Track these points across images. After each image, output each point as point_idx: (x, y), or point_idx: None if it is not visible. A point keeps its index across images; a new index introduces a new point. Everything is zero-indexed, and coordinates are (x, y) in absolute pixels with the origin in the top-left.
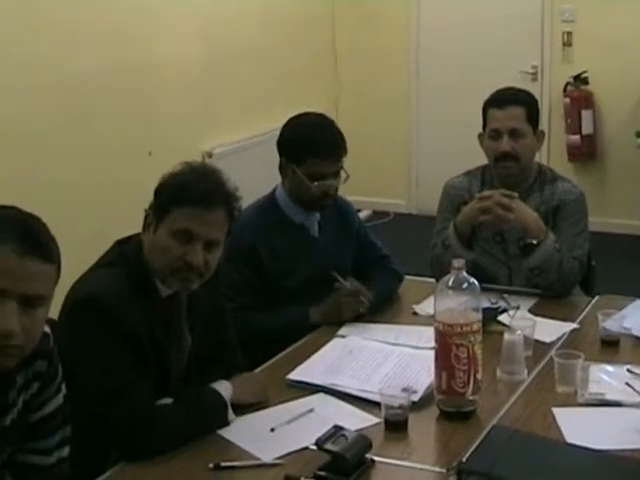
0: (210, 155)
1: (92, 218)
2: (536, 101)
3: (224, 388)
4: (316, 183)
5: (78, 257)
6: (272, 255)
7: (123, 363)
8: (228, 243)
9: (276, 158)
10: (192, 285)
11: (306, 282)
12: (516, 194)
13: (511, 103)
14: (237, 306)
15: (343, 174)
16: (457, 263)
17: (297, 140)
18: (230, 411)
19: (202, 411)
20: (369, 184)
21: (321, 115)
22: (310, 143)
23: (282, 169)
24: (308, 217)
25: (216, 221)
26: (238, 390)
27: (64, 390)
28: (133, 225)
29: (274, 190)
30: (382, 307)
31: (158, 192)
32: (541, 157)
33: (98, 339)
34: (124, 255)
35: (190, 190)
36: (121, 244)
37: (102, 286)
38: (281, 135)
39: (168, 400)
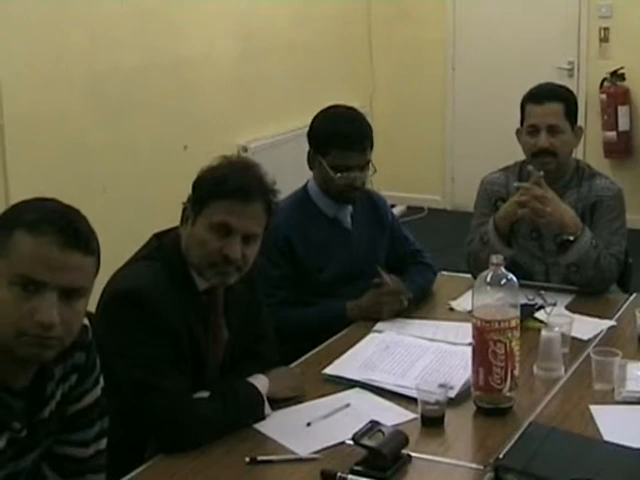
0: (245, 149)
1: (128, 212)
2: (575, 97)
3: (261, 382)
4: (339, 175)
5: (115, 251)
6: (306, 248)
7: (161, 356)
8: (264, 238)
9: (304, 153)
10: (230, 279)
11: (339, 275)
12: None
13: (550, 99)
14: (276, 301)
15: (371, 168)
16: (496, 259)
17: (322, 131)
18: (267, 405)
19: (238, 405)
20: (404, 179)
21: (350, 108)
22: (334, 134)
23: (310, 160)
24: (340, 210)
25: (254, 214)
26: (275, 384)
27: (102, 382)
28: (169, 219)
29: (306, 183)
30: (418, 302)
31: (196, 186)
32: (577, 154)
33: (137, 332)
34: (162, 248)
35: (229, 183)
36: (159, 237)
37: (141, 279)
38: (310, 127)
39: (205, 394)
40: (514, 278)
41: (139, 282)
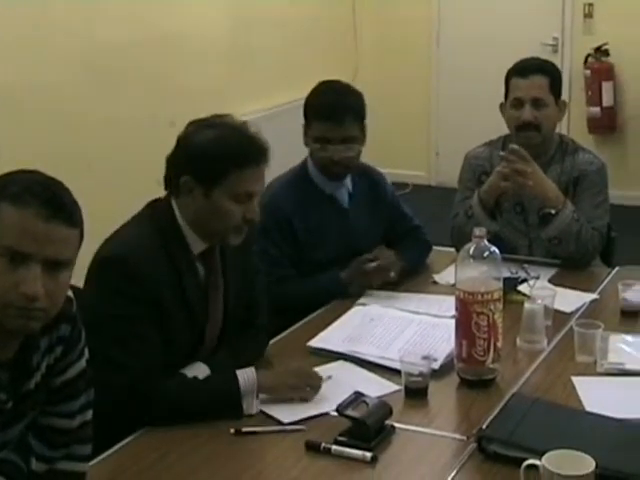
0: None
1: (113, 188)
2: (559, 71)
3: (247, 378)
4: (318, 146)
5: (100, 228)
6: (305, 228)
7: (135, 330)
8: (262, 216)
9: (296, 127)
10: (243, 237)
11: (337, 254)
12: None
13: (535, 72)
14: (275, 279)
15: (358, 146)
16: (478, 231)
17: (308, 103)
18: (255, 402)
19: (207, 398)
20: (388, 155)
21: (339, 82)
22: (315, 105)
23: (304, 135)
24: (338, 188)
25: (263, 176)
26: (275, 382)
27: (87, 354)
28: (156, 194)
29: (305, 160)
30: (410, 277)
31: (203, 157)
32: (561, 129)
33: (116, 301)
34: (155, 215)
35: (250, 153)
36: (152, 205)
37: (130, 245)
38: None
39: (201, 367)
40: (497, 251)
41: (124, 249)
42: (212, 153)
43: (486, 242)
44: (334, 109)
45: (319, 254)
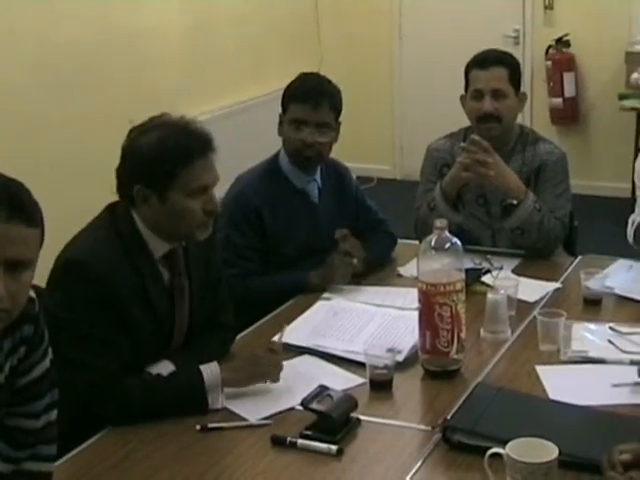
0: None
1: (76, 190)
2: (518, 63)
3: (211, 373)
4: (293, 127)
5: (62, 230)
6: (274, 220)
7: (96, 331)
8: (231, 207)
9: (260, 123)
10: (211, 228)
11: (304, 248)
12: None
13: (494, 64)
14: (238, 271)
15: (332, 134)
16: (439, 223)
17: (286, 90)
18: (220, 397)
19: (172, 394)
20: (352, 149)
21: (319, 74)
22: (294, 89)
23: (279, 125)
24: (309, 182)
25: (213, 165)
26: (236, 375)
27: (51, 354)
28: (116, 193)
29: (277, 153)
30: (376, 270)
31: (151, 163)
32: (524, 121)
33: (76, 304)
34: (114, 218)
35: (193, 148)
36: (111, 208)
37: (88, 249)
38: None
39: (166, 364)
40: (458, 242)
41: (85, 253)
42: (156, 157)
43: (447, 233)
44: (313, 92)
45: (287, 248)
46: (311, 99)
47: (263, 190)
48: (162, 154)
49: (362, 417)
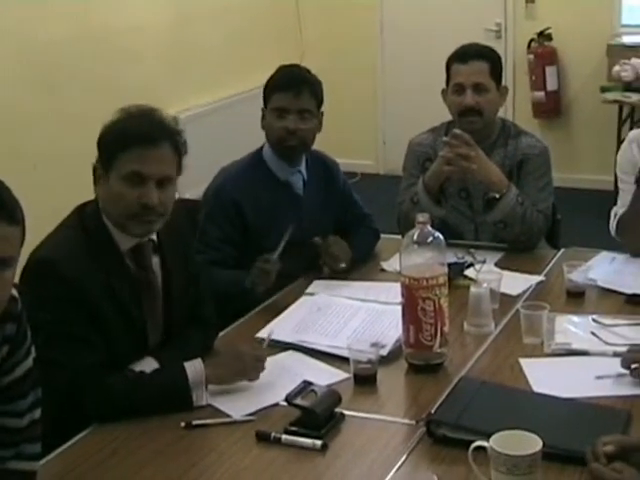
0: (175, 118)
1: (60, 190)
2: (499, 57)
3: (195, 369)
4: (275, 116)
5: (45, 231)
6: (255, 212)
7: (68, 330)
8: (211, 201)
9: (244, 119)
10: (154, 227)
11: (289, 241)
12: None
13: (475, 58)
14: (203, 258)
15: (314, 121)
16: (422, 217)
17: (268, 82)
18: (204, 394)
19: (155, 391)
20: (336, 145)
21: (298, 65)
22: (275, 80)
23: (262, 119)
24: (293, 174)
25: (163, 157)
26: (220, 371)
27: (34, 353)
28: None
29: (261, 147)
30: (359, 264)
31: (100, 143)
32: (506, 114)
33: (47, 304)
34: (82, 216)
35: (131, 132)
36: (81, 207)
37: (56, 249)
38: None
39: (150, 361)
40: (441, 236)
41: (52, 252)
42: (105, 137)
43: (429, 228)
44: (293, 80)
45: (270, 240)
46: (292, 87)
47: (244, 182)
48: (109, 135)
49: (346, 412)
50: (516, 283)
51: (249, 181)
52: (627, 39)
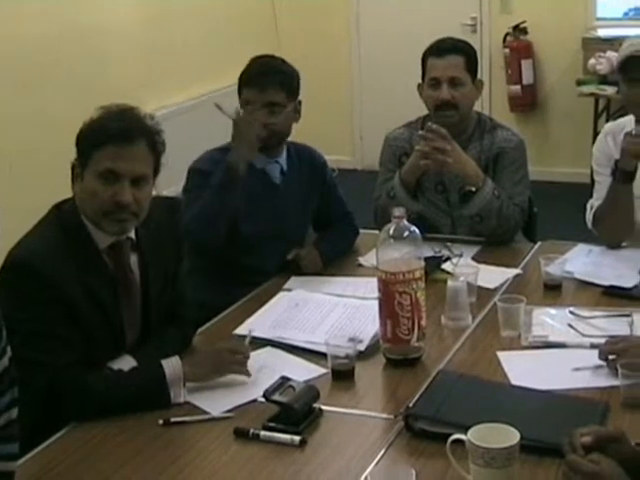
0: (153, 118)
1: (36, 190)
2: (475, 51)
3: (173, 367)
4: (242, 109)
5: (23, 225)
6: None
7: (46, 329)
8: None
9: (220, 117)
10: (128, 225)
11: (262, 231)
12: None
13: (450, 52)
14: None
15: (286, 112)
16: (397, 212)
17: (239, 76)
18: (182, 391)
19: (133, 389)
20: (313, 141)
21: (271, 56)
22: (243, 74)
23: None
24: (269, 163)
25: (139, 156)
26: (197, 369)
27: (9, 353)
28: None
29: None
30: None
31: (78, 141)
32: (483, 108)
33: (24, 304)
34: (60, 214)
35: (107, 130)
36: (58, 206)
37: (33, 247)
38: None
39: (128, 359)
40: (417, 230)
41: (30, 251)
42: (82, 135)
43: (406, 222)
44: (258, 75)
45: (249, 226)
46: (257, 82)
47: (218, 162)
48: (84, 132)
49: (324, 407)
50: (493, 276)
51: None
52: (602, 32)
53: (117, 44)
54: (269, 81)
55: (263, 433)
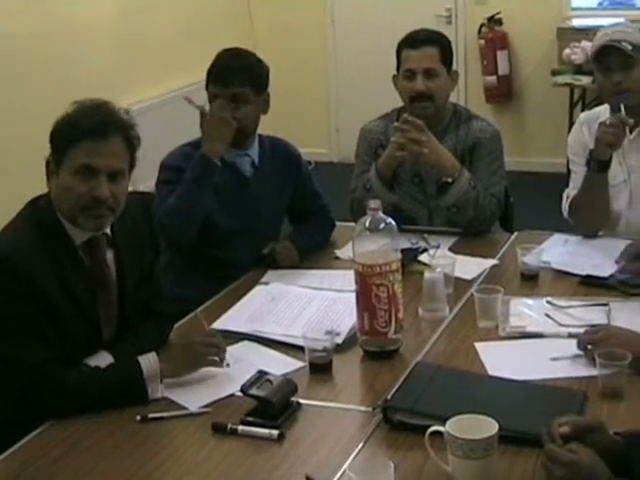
0: (127, 112)
1: (7, 181)
2: (449, 42)
3: (149, 363)
4: (209, 105)
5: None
6: None
7: (23, 326)
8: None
9: (195, 112)
10: (105, 221)
11: (233, 225)
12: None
13: (425, 43)
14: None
15: (252, 105)
16: (373, 204)
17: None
18: (160, 387)
19: (115, 386)
20: (289, 134)
21: (239, 49)
22: (210, 69)
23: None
24: (239, 157)
25: (114, 151)
26: (172, 365)
27: None
28: None
29: None
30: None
31: (53, 137)
32: (458, 99)
33: (1, 299)
34: (35, 210)
35: (81, 125)
36: (33, 202)
37: (9, 243)
38: None
39: (104, 355)
40: (393, 222)
41: (5, 247)
42: (57, 131)
43: (381, 214)
44: (222, 69)
45: (223, 220)
46: (221, 77)
47: (187, 158)
48: (59, 128)
49: (302, 401)
50: (470, 267)
51: (192, 158)
52: (577, 22)
53: (91, 39)
54: (234, 75)
55: (241, 428)
